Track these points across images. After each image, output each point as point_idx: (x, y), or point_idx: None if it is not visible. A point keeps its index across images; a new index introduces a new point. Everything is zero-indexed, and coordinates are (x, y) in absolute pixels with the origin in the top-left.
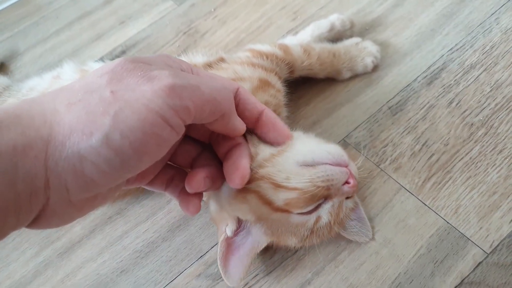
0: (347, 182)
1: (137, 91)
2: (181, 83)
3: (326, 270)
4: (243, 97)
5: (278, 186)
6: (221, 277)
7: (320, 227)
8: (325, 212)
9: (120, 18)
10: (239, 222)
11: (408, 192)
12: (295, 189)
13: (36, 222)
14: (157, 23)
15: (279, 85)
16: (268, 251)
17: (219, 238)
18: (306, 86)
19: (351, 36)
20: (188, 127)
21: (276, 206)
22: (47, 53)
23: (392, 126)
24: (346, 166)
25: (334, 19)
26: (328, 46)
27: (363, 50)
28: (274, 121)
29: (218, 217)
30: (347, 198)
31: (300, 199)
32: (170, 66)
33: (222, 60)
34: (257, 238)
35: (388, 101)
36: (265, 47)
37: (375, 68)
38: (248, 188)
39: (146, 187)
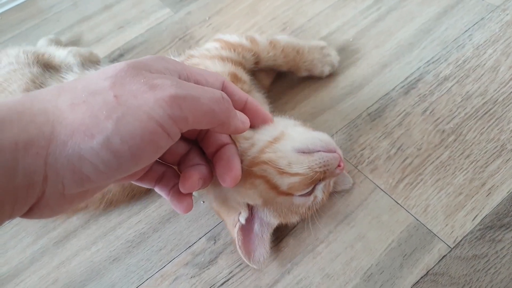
0: (338, 166)
1: (139, 98)
2: (183, 94)
3: (305, 261)
4: (229, 90)
5: (282, 172)
6: (206, 266)
7: (316, 203)
8: (320, 192)
9: (118, 23)
10: (249, 209)
11: (382, 192)
12: (297, 174)
13: (29, 212)
14: (154, 28)
15: (245, 77)
16: None
17: (230, 228)
18: (292, 92)
19: None
20: None
21: (281, 190)
22: None
23: (370, 131)
24: (335, 152)
25: None
26: (294, 41)
27: (326, 56)
28: (257, 108)
29: (223, 209)
30: None
31: (301, 183)
32: (168, 69)
33: (191, 56)
34: (268, 221)
35: (367, 108)
36: (233, 38)
37: (354, 80)
38: (254, 173)
39: (135, 183)
